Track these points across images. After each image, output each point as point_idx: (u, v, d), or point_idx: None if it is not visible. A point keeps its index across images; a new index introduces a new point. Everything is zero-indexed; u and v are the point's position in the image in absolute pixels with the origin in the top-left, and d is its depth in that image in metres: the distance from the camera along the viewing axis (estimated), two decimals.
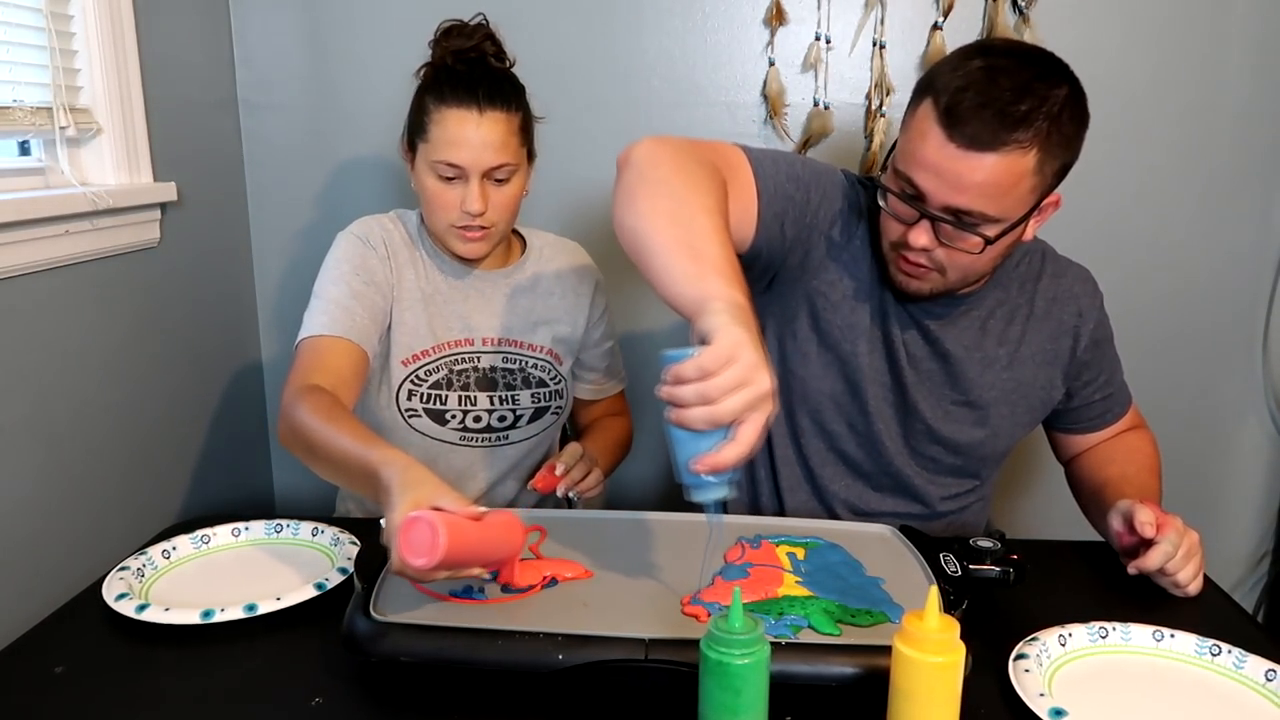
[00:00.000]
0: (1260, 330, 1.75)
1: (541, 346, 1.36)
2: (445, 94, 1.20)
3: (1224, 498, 1.83)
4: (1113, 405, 1.28)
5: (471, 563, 0.85)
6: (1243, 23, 1.61)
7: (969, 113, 0.97)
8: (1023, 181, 1.00)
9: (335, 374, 1.14)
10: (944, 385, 1.20)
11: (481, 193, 1.21)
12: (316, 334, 1.18)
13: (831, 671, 0.79)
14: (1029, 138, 0.97)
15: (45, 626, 0.97)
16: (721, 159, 1.05)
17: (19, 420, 1.13)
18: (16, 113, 1.19)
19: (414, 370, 1.29)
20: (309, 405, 1.06)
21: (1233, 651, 0.89)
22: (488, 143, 1.20)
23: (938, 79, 1.01)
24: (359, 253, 1.26)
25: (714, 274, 0.84)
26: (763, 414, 0.77)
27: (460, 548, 0.81)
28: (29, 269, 1.14)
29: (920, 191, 1.02)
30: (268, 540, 1.15)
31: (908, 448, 1.22)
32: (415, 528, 0.79)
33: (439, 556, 0.78)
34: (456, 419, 1.32)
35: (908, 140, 1.04)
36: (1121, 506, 1.08)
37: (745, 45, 1.65)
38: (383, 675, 0.86)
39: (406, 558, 0.79)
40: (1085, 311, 1.21)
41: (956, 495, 1.27)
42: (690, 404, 0.75)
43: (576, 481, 1.21)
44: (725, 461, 0.76)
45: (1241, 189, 1.68)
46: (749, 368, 0.75)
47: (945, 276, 1.08)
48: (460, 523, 0.82)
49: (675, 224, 0.89)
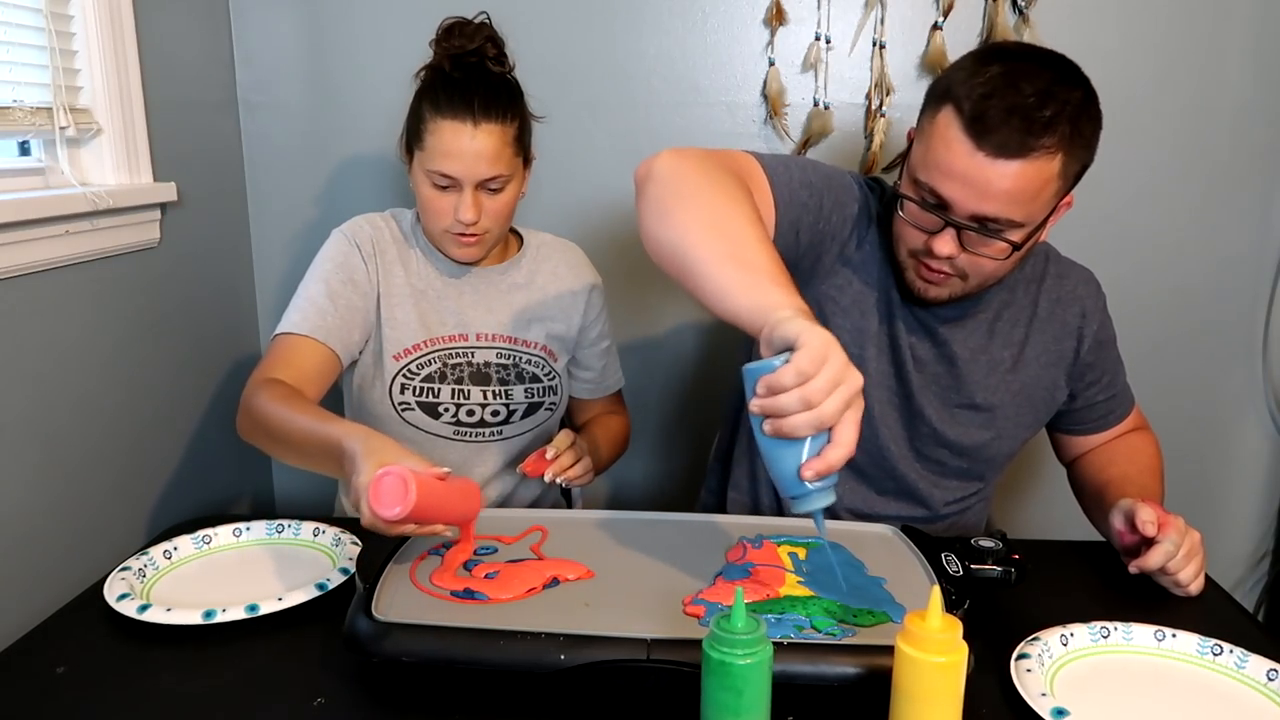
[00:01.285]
0: (1260, 330, 1.75)
1: (536, 343, 1.37)
2: (441, 103, 1.21)
3: (1224, 498, 1.83)
4: (1115, 407, 1.28)
5: (437, 518, 0.90)
6: (1243, 23, 1.61)
7: (996, 121, 0.96)
8: (1048, 186, 1.00)
9: (298, 370, 1.18)
10: (950, 389, 1.19)
11: (475, 202, 1.23)
12: (287, 331, 1.22)
13: (834, 671, 0.79)
14: (1054, 143, 0.97)
15: (46, 627, 0.97)
16: (738, 167, 1.04)
17: (19, 420, 1.13)
18: (16, 113, 1.19)
19: (406, 364, 1.30)
20: (266, 394, 1.10)
21: (1234, 651, 0.90)
22: (481, 155, 1.20)
23: (956, 86, 1.00)
24: (342, 252, 1.28)
25: (770, 283, 0.83)
26: (858, 411, 0.77)
27: (428, 501, 0.85)
28: (29, 269, 1.14)
29: (945, 200, 1.01)
30: (269, 540, 1.15)
31: (912, 451, 1.22)
32: (385, 481, 0.84)
33: (409, 507, 0.82)
34: (450, 412, 1.32)
35: (929, 150, 1.02)
36: (1123, 505, 1.08)
37: (745, 45, 1.64)
38: (384, 675, 0.86)
39: (377, 509, 0.83)
40: (1089, 313, 1.22)
41: (961, 499, 1.27)
42: (792, 411, 0.75)
43: (565, 468, 1.20)
44: (835, 463, 0.76)
45: (1241, 189, 1.68)
46: (842, 366, 0.75)
47: (966, 282, 1.08)
48: (427, 478, 0.86)
49: (719, 236, 0.88)
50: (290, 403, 1.08)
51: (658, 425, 1.83)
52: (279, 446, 1.09)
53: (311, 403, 1.12)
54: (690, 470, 1.85)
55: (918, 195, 1.04)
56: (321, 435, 0.99)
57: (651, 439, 1.84)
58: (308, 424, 1.02)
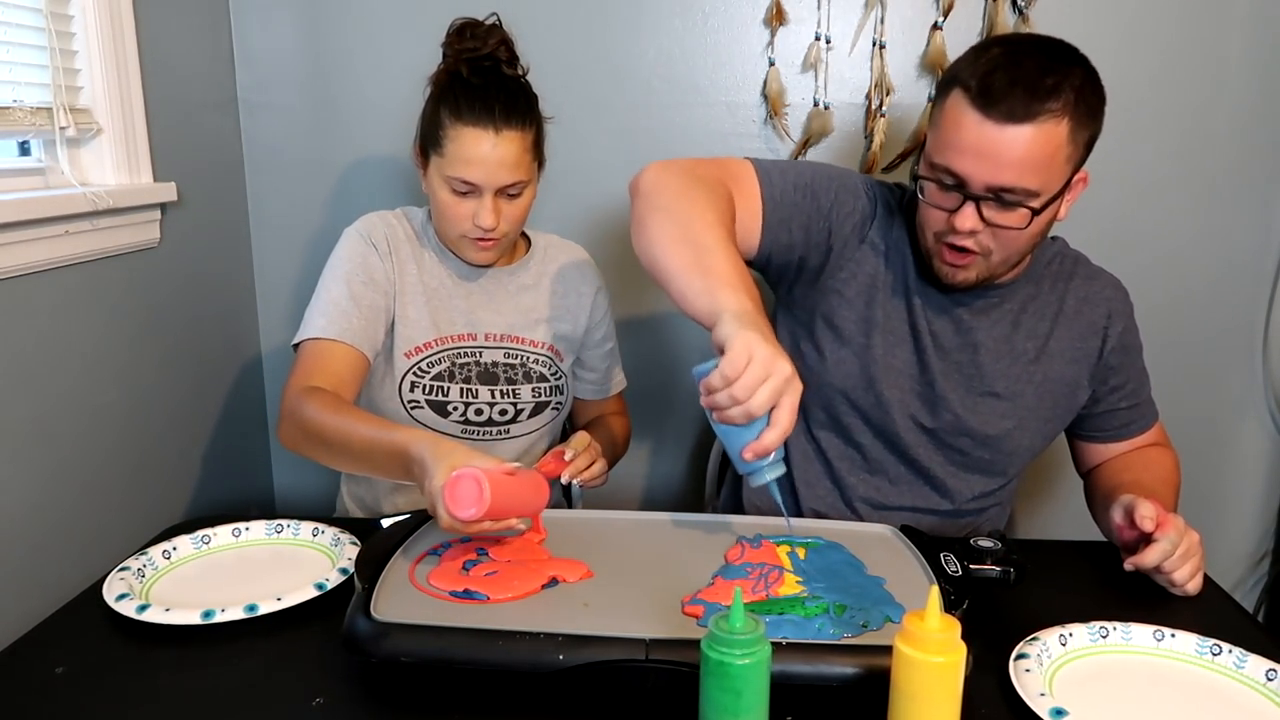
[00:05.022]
0: (1260, 330, 1.75)
1: (543, 343, 1.37)
2: (462, 110, 1.20)
3: (1224, 498, 1.83)
4: (1137, 418, 1.29)
5: (509, 514, 0.93)
6: (1243, 23, 1.61)
7: (1002, 91, 1.01)
8: (1059, 151, 1.03)
9: (335, 376, 1.18)
10: (973, 376, 1.21)
11: (495, 208, 1.23)
12: (316, 336, 1.21)
13: (832, 671, 0.79)
14: (1059, 106, 1.02)
15: (46, 627, 0.98)
16: (727, 173, 1.13)
17: (19, 420, 1.13)
18: (16, 113, 1.19)
19: (416, 362, 1.30)
20: (317, 403, 1.11)
21: (1233, 651, 0.90)
22: (504, 162, 1.21)
23: (961, 71, 1.06)
24: (360, 251, 1.28)
25: (721, 286, 0.94)
26: (791, 395, 0.88)
27: (501, 498, 0.88)
28: (29, 269, 1.14)
29: (960, 177, 1.05)
30: (268, 540, 1.15)
31: (934, 440, 1.23)
32: (460, 484, 0.87)
33: (485, 506, 0.86)
34: (458, 411, 1.32)
35: (941, 132, 1.07)
36: (1124, 500, 1.08)
37: (745, 45, 1.65)
38: (383, 675, 0.86)
39: (454, 511, 0.87)
40: (1115, 314, 1.23)
41: (982, 495, 1.26)
42: (725, 407, 0.87)
43: (581, 470, 1.23)
44: (768, 445, 0.89)
45: (1241, 189, 1.68)
46: (766, 361, 0.86)
47: (990, 260, 1.11)
48: (499, 476, 0.89)
49: (684, 245, 1.00)
50: (344, 412, 1.09)
51: (658, 425, 1.83)
52: (336, 456, 1.10)
53: (365, 411, 1.14)
54: (690, 470, 1.85)
55: (935, 177, 1.08)
56: (386, 443, 1.01)
57: (651, 439, 1.84)
58: (370, 432, 1.04)
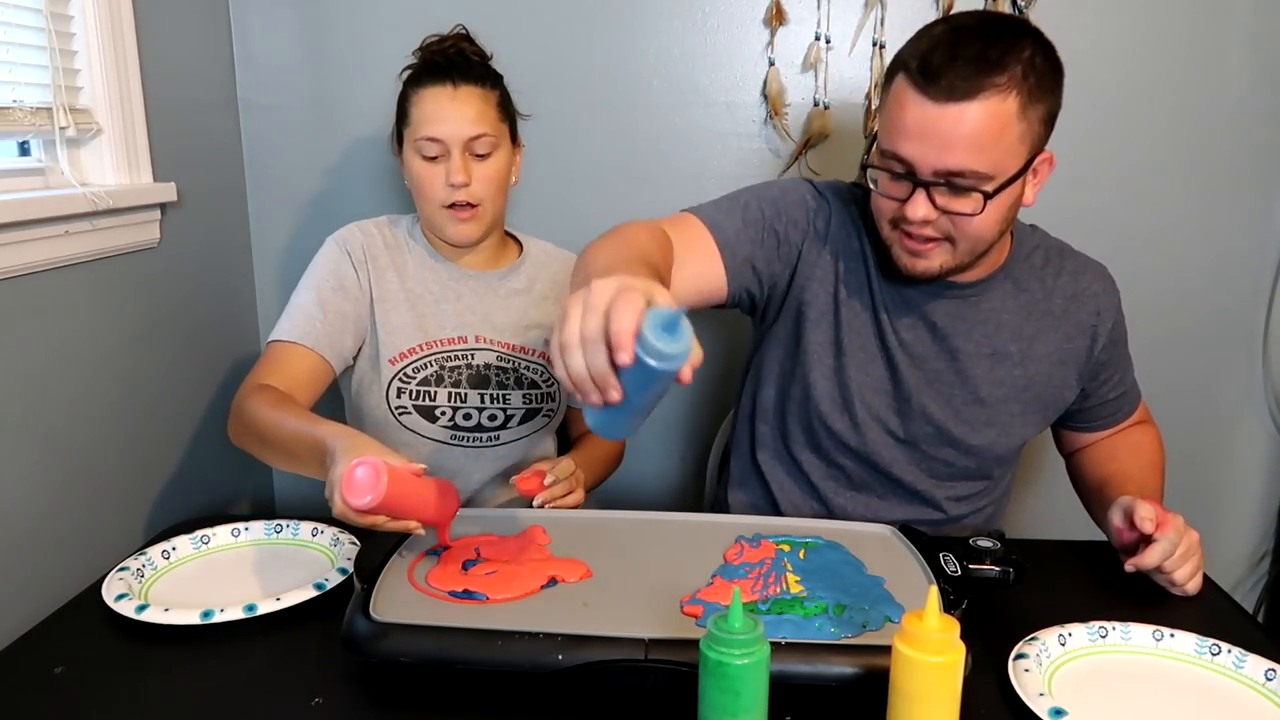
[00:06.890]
0: (1260, 330, 1.74)
1: (534, 350, 1.37)
2: (422, 78, 1.28)
3: (1224, 498, 1.83)
4: (1124, 404, 1.28)
5: (409, 513, 0.90)
6: (1243, 22, 1.61)
7: (942, 67, 0.97)
8: (1008, 129, 0.98)
9: (289, 376, 1.20)
10: (953, 385, 1.18)
11: (464, 165, 1.26)
12: (279, 339, 1.24)
13: (831, 671, 0.79)
14: (1005, 80, 0.97)
15: (45, 626, 0.98)
16: (672, 226, 1.09)
17: (18, 420, 1.13)
18: (16, 113, 1.19)
19: (402, 368, 1.31)
20: (258, 400, 1.12)
21: (1233, 651, 0.90)
22: (464, 115, 1.25)
23: (903, 52, 1.02)
24: (333, 259, 1.31)
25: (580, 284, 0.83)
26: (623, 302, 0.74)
27: (400, 492, 0.86)
28: (29, 269, 1.14)
29: (908, 163, 1.01)
30: (267, 540, 1.15)
31: (915, 454, 1.21)
32: (357, 470, 0.85)
33: (380, 496, 0.83)
34: (446, 415, 1.32)
35: (886, 117, 1.04)
36: (1123, 502, 1.07)
37: (745, 45, 1.64)
38: (383, 676, 0.86)
39: (348, 497, 0.84)
40: (1104, 311, 1.20)
41: (967, 497, 1.25)
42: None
43: (557, 497, 1.19)
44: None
45: (1241, 188, 1.68)
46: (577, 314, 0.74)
47: (955, 247, 1.07)
48: (401, 471, 0.87)
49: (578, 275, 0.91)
50: (280, 407, 1.09)
51: (657, 425, 1.83)
52: (268, 451, 1.10)
53: (301, 407, 1.13)
54: (689, 470, 1.85)
55: (885, 165, 1.05)
56: (308, 437, 1.00)
57: (651, 439, 1.84)
58: (295, 426, 1.04)
